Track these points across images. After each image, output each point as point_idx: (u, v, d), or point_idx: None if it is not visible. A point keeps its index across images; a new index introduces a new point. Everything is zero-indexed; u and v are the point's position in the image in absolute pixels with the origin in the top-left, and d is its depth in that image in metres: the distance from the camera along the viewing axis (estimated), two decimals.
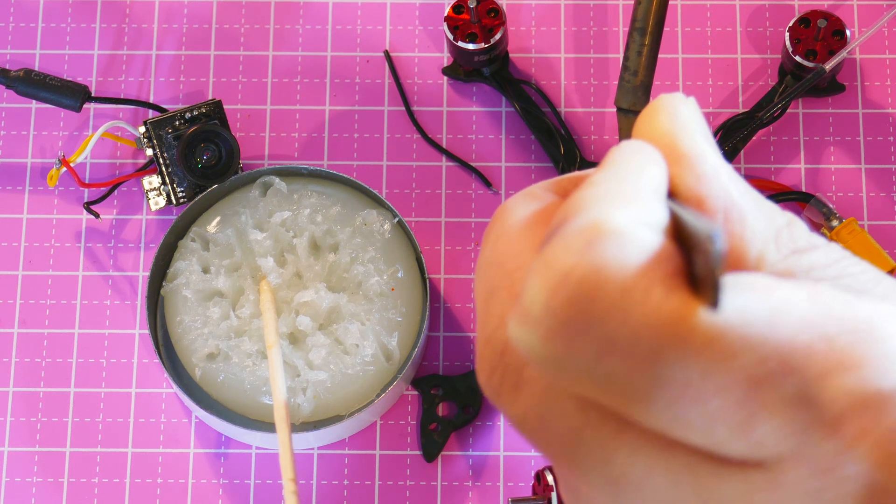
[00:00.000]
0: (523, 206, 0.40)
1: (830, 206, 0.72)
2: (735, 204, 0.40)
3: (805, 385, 0.34)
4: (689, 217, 0.36)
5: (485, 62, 0.74)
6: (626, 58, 0.68)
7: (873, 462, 0.34)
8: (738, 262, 0.39)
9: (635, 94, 0.68)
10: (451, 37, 0.73)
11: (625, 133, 0.69)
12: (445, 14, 0.73)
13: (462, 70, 0.76)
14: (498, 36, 0.73)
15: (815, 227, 0.73)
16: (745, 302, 0.34)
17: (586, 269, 0.34)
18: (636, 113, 0.69)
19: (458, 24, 0.73)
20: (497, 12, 0.73)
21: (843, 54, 0.72)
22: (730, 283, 0.35)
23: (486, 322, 0.39)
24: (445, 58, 0.77)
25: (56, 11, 0.78)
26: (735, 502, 0.35)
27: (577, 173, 0.42)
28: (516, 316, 0.35)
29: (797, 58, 0.72)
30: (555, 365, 0.35)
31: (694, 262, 0.35)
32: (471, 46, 0.73)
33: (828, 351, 0.35)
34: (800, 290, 0.36)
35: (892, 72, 0.76)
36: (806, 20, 0.73)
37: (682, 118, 0.41)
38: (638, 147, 0.40)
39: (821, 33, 0.72)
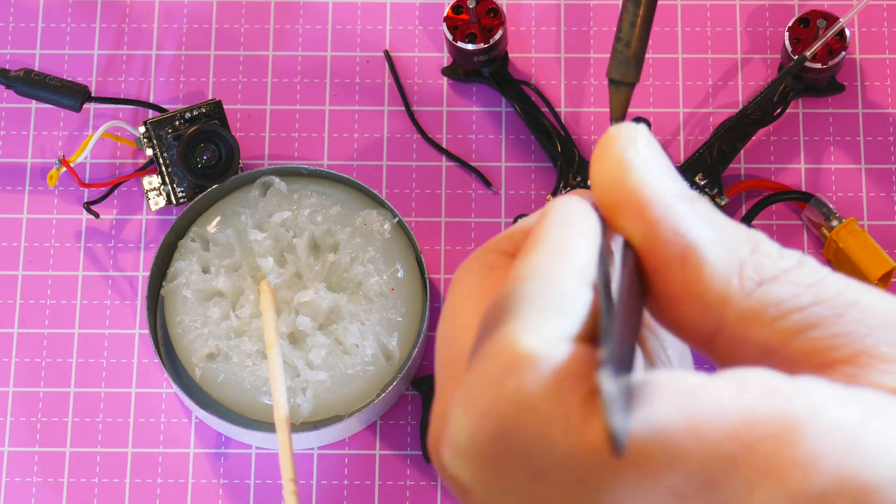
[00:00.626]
0: (471, 274, 0.40)
1: (830, 205, 0.72)
2: (690, 247, 0.38)
3: (733, 499, 0.33)
4: (601, 327, 0.35)
5: (484, 62, 0.74)
6: (619, 29, 0.67)
7: None
8: (702, 311, 0.38)
9: (627, 64, 0.67)
10: (450, 37, 0.73)
11: (616, 105, 0.69)
12: (445, 14, 0.73)
13: (462, 70, 0.76)
14: (497, 36, 0.73)
15: (815, 226, 0.73)
16: (665, 415, 0.33)
17: (505, 406, 0.34)
18: (627, 84, 0.68)
19: (457, 24, 0.73)
20: (496, 12, 0.73)
21: (821, 43, 0.71)
22: (654, 388, 0.34)
23: (438, 398, 0.39)
24: (445, 58, 0.77)
25: (56, 11, 0.78)
26: None
27: (524, 225, 0.41)
28: (446, 446, 0.35)
29: (797, 57, 0.72)
30: (488, 490, 0.35)
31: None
32: (470, 47, 0.73)
33: (751, 460, 0.33)
34: (725, 389, 0.34)
35: (892, 72, 0.76)
36: (805, 20, 0.73)
37: (628, 159, 0.40)
38: (569, 214, 0.39)
39: (820, 33, 0.72)
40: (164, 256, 0.72)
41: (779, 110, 0.73)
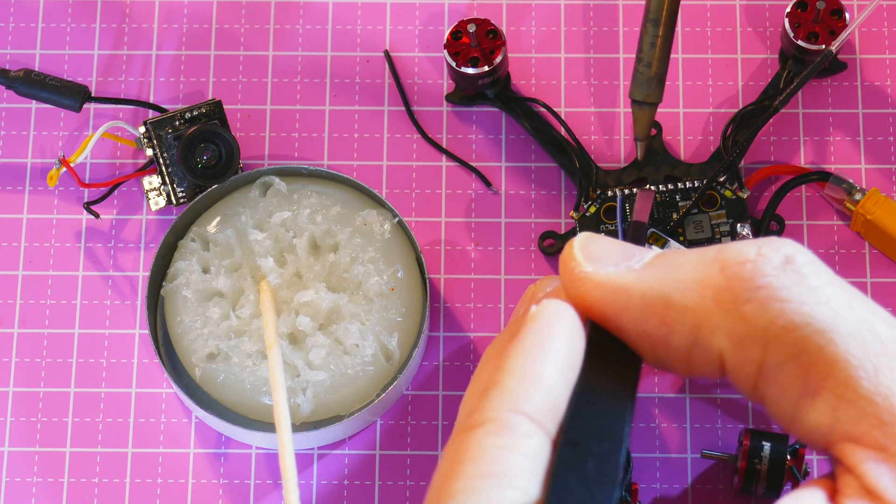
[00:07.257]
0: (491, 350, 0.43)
1: (850, 180, 0.72)
2: (665, 306, 0.40)
3: None
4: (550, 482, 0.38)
5: (488, 85, 0.74)
6: (639, 49, 0.68)
7: None
8: (705, 358, 0.41)
9: (649, 85, 0.68)
10: (453, 63, 0.72)
11: (639, 125, 0.69)
12: (444, 41, 0.73)
13: (465, 94, 0.75)
14: (500, 58, 0.72)
15: (838, 202, 0.72)
16: None
17: None
18: (650, 105, 0.69)
19: (458, 49, 0.73)
20: (496, 33, 0.73)
21: (846, 34, 0.71)
22: None
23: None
24: (445, 71, 0.77)
25: (56, 11, 0.78)
26: None
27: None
28: None
29: (800, 42, 0.72)
30: None
31: None
32: (473, 71, 0.72)
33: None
34: None
35: (892, 71, 0.76)
36: (803, 4, 0.73)
37: (576, 277, 0.43)
38: (545, 335, 0.41)
39: (819, 15, 0.72)
40: (164, 256, 0.72)
41: (786, 93, 0.73)
